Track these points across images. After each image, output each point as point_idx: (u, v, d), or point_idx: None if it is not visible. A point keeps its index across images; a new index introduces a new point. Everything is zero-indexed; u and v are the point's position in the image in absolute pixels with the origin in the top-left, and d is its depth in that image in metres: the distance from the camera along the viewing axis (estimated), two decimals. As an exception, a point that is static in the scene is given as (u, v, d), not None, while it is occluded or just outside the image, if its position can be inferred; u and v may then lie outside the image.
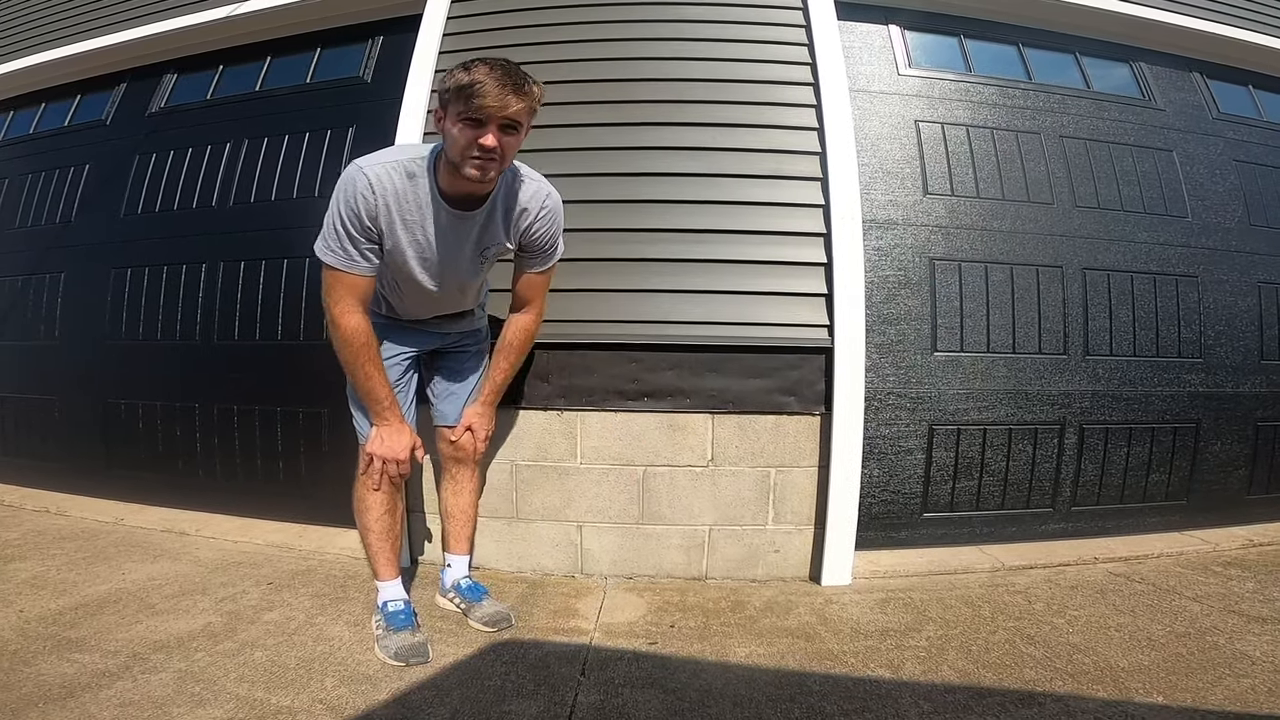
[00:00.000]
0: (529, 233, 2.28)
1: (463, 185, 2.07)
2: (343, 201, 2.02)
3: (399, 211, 2.08)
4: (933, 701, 2.02)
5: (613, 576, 3.07)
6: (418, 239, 2.15)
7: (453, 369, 2.65)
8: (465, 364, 2.66)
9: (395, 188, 2.05)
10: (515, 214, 2.24)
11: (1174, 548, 3.47)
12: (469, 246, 2.24)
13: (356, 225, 2.03)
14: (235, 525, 3.63)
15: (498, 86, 1.87)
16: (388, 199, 2.05)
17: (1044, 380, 3.55)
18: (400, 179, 2.06)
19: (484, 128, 1.92)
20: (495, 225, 2.24)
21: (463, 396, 2.63)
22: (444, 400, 2.63)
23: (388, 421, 2.26)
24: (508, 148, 2.00)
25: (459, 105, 1.91)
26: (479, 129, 1.92)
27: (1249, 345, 3.87)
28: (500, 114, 1.91)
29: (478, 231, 2.22)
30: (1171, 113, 4.03)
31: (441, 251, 2.19)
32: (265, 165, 3.90)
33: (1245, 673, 2.18)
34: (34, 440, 4.44)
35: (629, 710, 1.96)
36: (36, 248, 4.49)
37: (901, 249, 3.46)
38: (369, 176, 2.02)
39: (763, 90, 3.29)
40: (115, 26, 4.45)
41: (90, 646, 2.24)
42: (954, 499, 3.48)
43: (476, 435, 2.60)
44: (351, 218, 2.02)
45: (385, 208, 2.05)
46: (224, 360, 3.82)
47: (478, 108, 1.88)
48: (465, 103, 1.89)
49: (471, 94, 1.87)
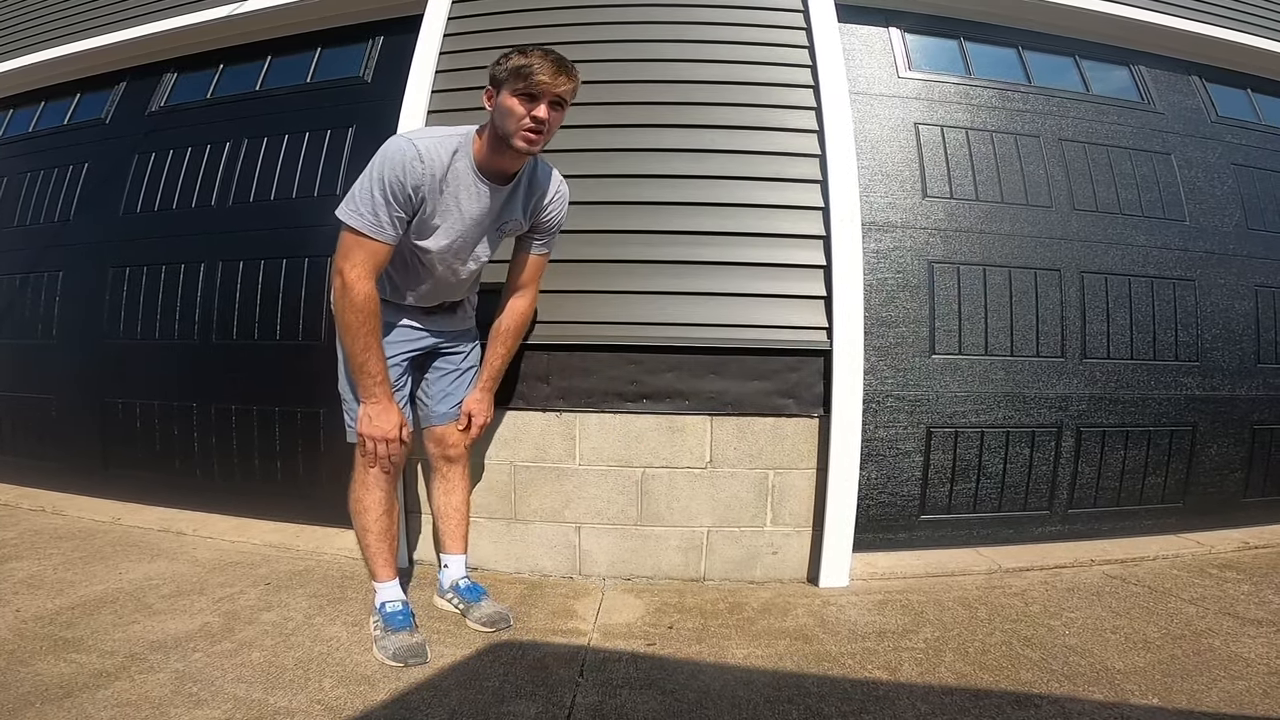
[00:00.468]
0: (544, 212, 2.49)
1: (500, 161, 2.26)
2: (387, 169, 2.13)
3: (442, 181, 2.22)
4: (930, 703, 2.02)
5: (611, 578, 3.08)
6: (451, 209, 2.28)
7: (445, 370, 2.66)
8: (458, 365, 2.68)
9: (442, 160, 2.20)
10: (536, 195, 2.45)
11: (1170, 550, 3.48)
12: (490, 219, 2.38)
13: (399, 193, 2.14)
14: (232, 525, 3.63)
15: (552, 67, 2.10)
16: (434, 170, 2.19)
17: (1041, 383, 3.56)
18: (446, 153, 2.21)
19: (537, 102, 2.13)
20: (516, 203, 2.41)
21: (456, 397, 2.66)
22: (438, 401, 2.64)
23: (376, 399, 2.26)
24: (554, 122, 2.21)
25: (516, 83, 2.12)
26: (533, 103, 2.13)
27: (1246, 349, 3.88)
28: (553, 90, 2.13)
29: (502, 205, 2.37)
30: (1170, 116, 4.04)
31: (471, 222, 2.33)
32: (265, 165, 3.90)
33: (1241, 675, 2.18)
34: (31, 439, 4.44)
35: (627, 711, 1.96)
36: (35, 246, 4.49)
37: (900, 252, 3.46)
38: (419, 148, 2.16)
39: (763, 92, 3.29)
40: (115, 26, 4.44)
41: (87, 646, 2.24)
42: (951, 501, 3.49)
43: (475, 421, 2.66)
44: (396, 185, 2.13)
45: (431, 177, 2.19)
46: (222, 360, 3.82)
47: (536, 84, 2.10)
48: (524, 80, 2.10)
49: (530, 73, 2.09)
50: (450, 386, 2.65)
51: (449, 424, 2.65)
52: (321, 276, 3.61)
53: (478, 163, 2.26)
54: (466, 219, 2.31)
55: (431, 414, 2.65)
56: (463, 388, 2.67)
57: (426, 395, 2.65)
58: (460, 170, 2.24)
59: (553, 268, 2.81)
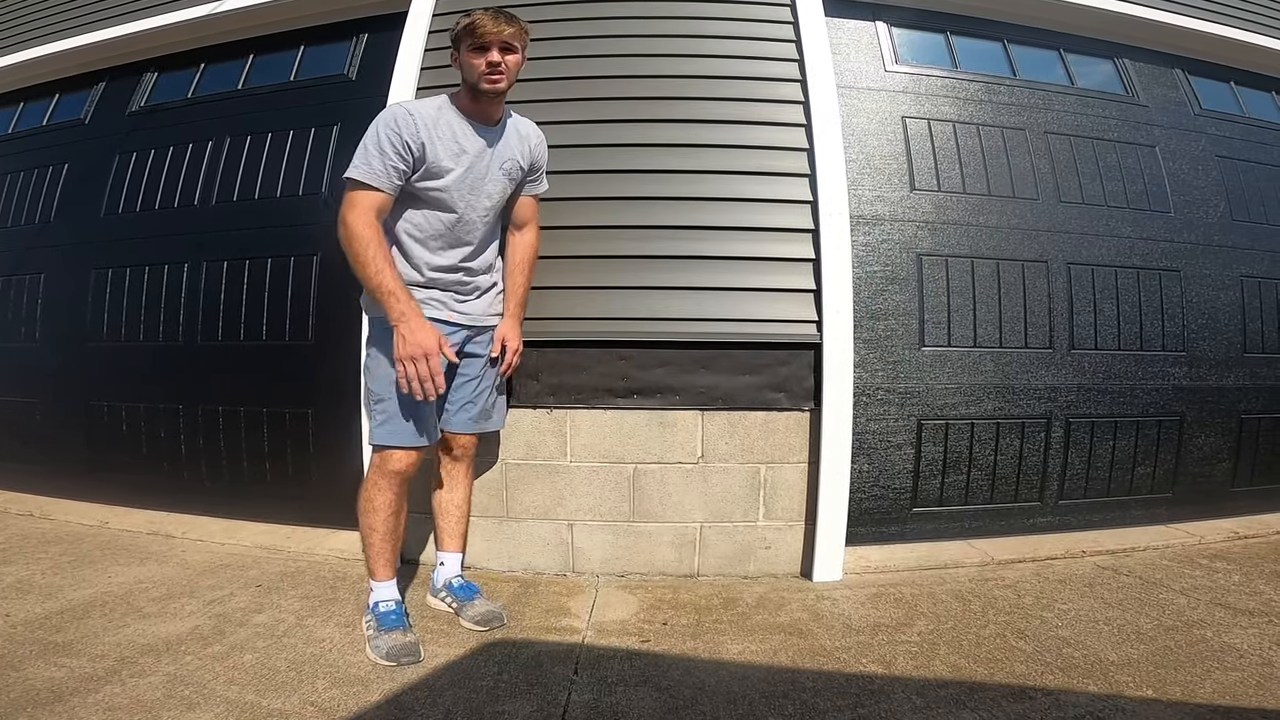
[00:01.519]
0: (535, 151, 2.70)
1: (479, 107, 2.48)
2: (383, 126, 2.33)
3: (434, 130, 2.40)
4: (925, 697, 2.03)
5: (604, 575, 3.07)
6: (454, 150, 2.44)
7: (468, 377, 2.65)
8: (479, 371, 2.67)
9: (430, 115, 2.42)
10: (524, 136, 2.66)
11: (1160, 540, 3.51)
12: (492, 155, 2.53)
13: (395, 141, 2.32)
14: (222, 527, 3.60)
15: (492, 19, 2.34)
16: (424, 121, 2.38)
17: (1030, 374, 3.57)
18: (432, 109, 2.44)
19: (489, 50, 2.35)
20: (511, 144, 2.60)
21: (477, 405, 2.67)
22: (458, 410, 2.64)
23: (405, 318, 2.26)
24: (511, 64, 2.42)
25: (467, 40, 2.37)
26: (485, 52, 2.35)
27: (1232, 338, 3.92)
28: (498, 38, 2.35)
29: (499, 143, 2.55)
30: (1154, 109, 4.06)
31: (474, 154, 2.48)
32: (249, 164, 3.87)
33: (1234, 666, 2.20)
34: (16, 443, 4.39)
35: (622, 709, 1.96)
36: (15, 249, 4.44)
37: (889, 244, 3.47)
38: (407, 106, 2.42)
39: (750, 86, 3.28)
40: (94, 25, 4.38)
41: (77, 651, 2.21)
42: (943, 494, 3.50)
43: (510, 346, 2.75)
44: (390, 134, 2.32)
45: (425, 127, 2.38)
46: (208, 361, 3.79)
47: (480, 35, 2.34)
48: (471, 37, 2.35)
49: (474, 29, 2.34)
50: (472, 395, 2.66)
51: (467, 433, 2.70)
52: (308, 275, 3.59)
53: (463, 111, 2.48)
54: (471, 152, 2.47)
55: (450, 421, 2.65)
56: (483, 397, 2.69)
57: (448, 403, 2.64)
58: (451, 119, 2.45)
59: (542, 264, 2.83)
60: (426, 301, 2.46)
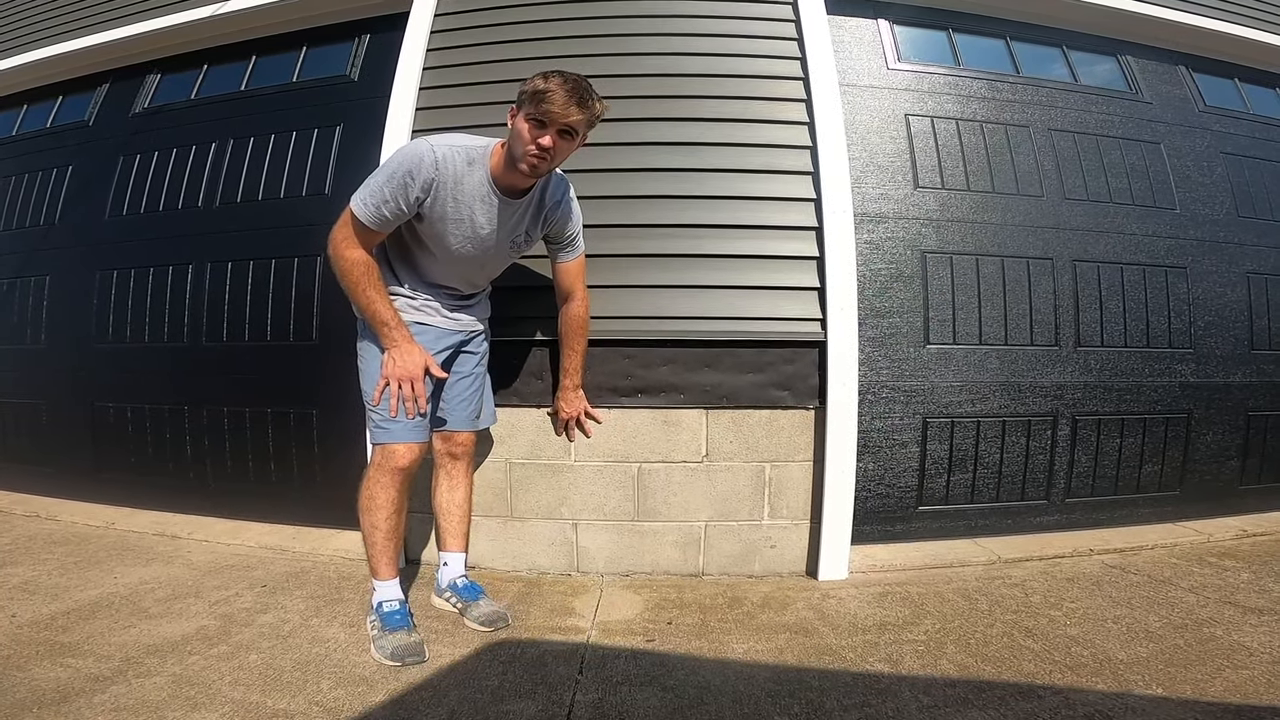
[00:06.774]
0: (552, 224, 2.55)
1: (512, 177, 2.30)
2: (400, 167, 2.20)
3: (454, 190, 2.28)
4: (932, 695, 2.02)
5: (609, 574, 3.07)
6: (464, 218, 2.33)
7: (463, 374, 2.66)
8: (473, 369, 2.68)
9: (456, 170, 2.26)
10: (546, 207, 2.50)
11: (1168, 539, 3.49)
12: (504, 232, 2.43)
13: (405, 189, 2.20)
14: (227, 528, 3.61)
15: (565, 96, 2.12)
16: (447, 177, 2.25)
17: (1036, 372, 3.56)
18: (462, 164, 2.27)
19: (546, 130, 2.16)
20: (528, 217, 2.47)
21: (473, 402, 2.69)
22: (455, 406, 2.65)
23: (396, 343, 2.30)
24: (560, 151, 2.24)
25: (530, 107, 2.16)
26: (542, 130, 2.16)
27: (1239, 335, 3.90)
28: (562, 120, 2.15)
29: (515, 220, 2.43)
30: (1158, 106, 4.05)
31: (484, 233, 2.39)
32: (252, 165, 3.87)
33: (1244, 664, 2.18)
34: (22, 445, 4.41)
35: (628, 708, 1.95)
36: (20, 251, 4.45)
37: (893, 242, 3.46)
38: (437, 154, 2.22)
39: (753, 85, 3.27)
40: (97, 27, 4.40)
41: (84, 651, 2.21)
42: (949, 492, 3.49)
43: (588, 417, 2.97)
44: (405, 179, 2.19)
45: (444, 184, 2.25)
46: (213, 362, 3.80)
47: (544, 111, 2.13)
48: (535, 105, 2.14)
49: (542, 99, 2.12)
50: (468, 392, 2.67)
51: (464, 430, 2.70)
52: (312, 276, 3.59)
53: (494, 175, 2.32)
54: (478, 229, 2.37)
55: (450, 419, 2.65)
56: (479, 393, 2.72)
57: (444, 400, 2.64)
58: (476, 181, 2.30)
59: (545, 263, 2.81)
60: (420, 308, 2.48)
